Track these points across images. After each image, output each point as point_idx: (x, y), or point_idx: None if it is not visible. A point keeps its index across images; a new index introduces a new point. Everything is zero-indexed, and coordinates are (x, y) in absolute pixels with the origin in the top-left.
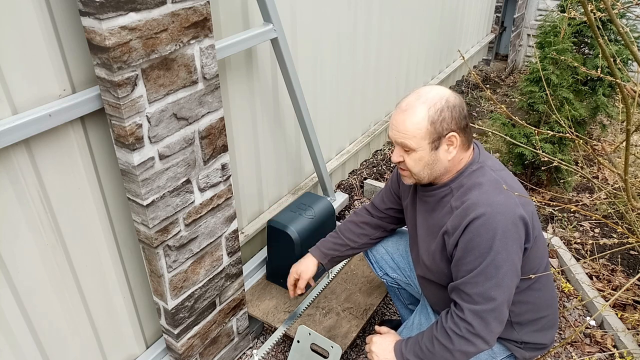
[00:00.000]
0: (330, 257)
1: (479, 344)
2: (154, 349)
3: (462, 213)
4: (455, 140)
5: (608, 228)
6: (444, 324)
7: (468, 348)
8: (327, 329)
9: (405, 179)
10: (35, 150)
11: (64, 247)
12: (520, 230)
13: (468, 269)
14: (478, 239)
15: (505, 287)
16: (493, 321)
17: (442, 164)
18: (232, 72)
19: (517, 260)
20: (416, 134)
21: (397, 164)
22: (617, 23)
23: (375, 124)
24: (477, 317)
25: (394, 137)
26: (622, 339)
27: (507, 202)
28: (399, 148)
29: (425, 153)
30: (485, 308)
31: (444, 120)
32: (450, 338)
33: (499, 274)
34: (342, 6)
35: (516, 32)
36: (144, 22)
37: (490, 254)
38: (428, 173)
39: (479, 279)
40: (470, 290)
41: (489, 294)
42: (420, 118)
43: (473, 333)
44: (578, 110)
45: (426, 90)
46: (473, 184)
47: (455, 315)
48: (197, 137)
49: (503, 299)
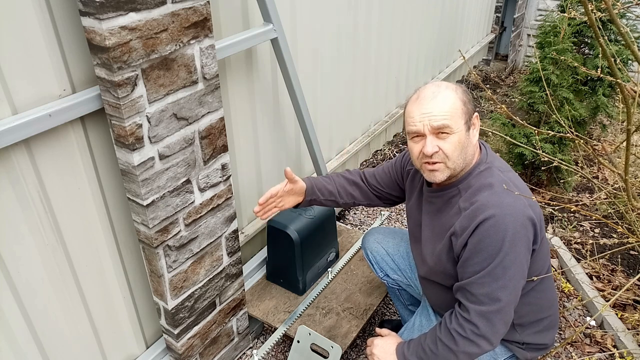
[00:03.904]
0: (314, 195)
1: (483, 345)
2: (154, 349)
3: (471, 214)
4: (477, 121)
5: (608, 228)
6: (448, 325)
7: (472, 349)
8: (327, 329)
9: (437, 173)
10: (35, 151)
11: (64, 247)
12: (529, 232)
13: (475, 270)
14: (487, 240)
15: (511, 288)
16: (498, 322)
17: (472, 147)
18: (232, 72)
19: (525, 262)
20: (454, 114)
21: (431, 157)
22: (618, 23)
23: (375, 124)
24: (482, 318)
25: (430, 123)
26: (622, 339)
27: (516, 204)
28: (432, 137)
29: (462, 135)
30: (491, 309)
31: (469, 100)
32: (455, 339)
33: (507, 275)
34: (342, 6)
35: (516, 32)
36: (144, 22)
37: (499, 255)
38: (463, 159)
39: (486, 279)
40: (476, 291)
41: (495, 294)
42: (454, 99)
43: (478, 334)
44: (578, 110)
45: (437, 82)
46: (482, 185)
47: (460, 316)
48: (197, 137)
49: (509, 300)
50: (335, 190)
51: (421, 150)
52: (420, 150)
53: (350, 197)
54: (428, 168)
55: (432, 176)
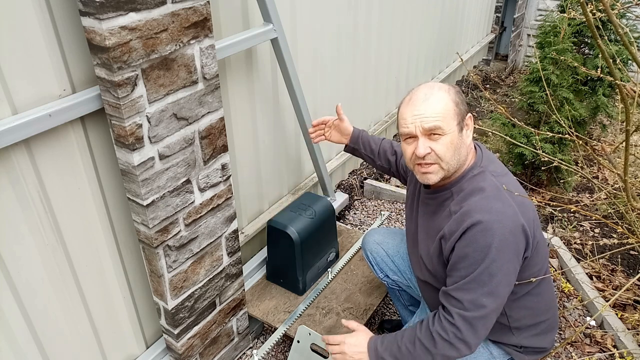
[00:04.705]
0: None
1: (462, 349)
2: (154, 349)
3: (460, 218)
4: (471, 122)
5: (608, 228)
6: (431, 327)
7: (451, 352)
8: (327, 329)
9: (430, 175)
10: (35, 151)
11: (64, 247)
12: (518, 240)
13: (462, 275)
14: (474, 245)
15: (497, 295)
16: (481, 328)
17: (465, 148)
18: (232, 72)
19: (512, 271)
20: (446, 115)
21: (423, 158)
22: (616, 24)
23: (375, 124)
24: (466, 323)
25: (421, 124)
26: (622, 339)
27: (506, 210)
28: (424, 139)
29: (455, 136)
30: (475, 315)
31: (462, 101)
32: (435, 341)
33: (493, 282)
34: (342, 6)
35: (516, 32)
36: (144, 22)
37: (485, 262)
38: (457, 159)
39: (471, 285)
40: (461, 297)
41: (480, 301)
42: (446, 100)
43: (460, 338)
44: (578, 110)
45: (430, 83)
46: (473, 189)
47: (444, 319)
48: (197, 137)
49: (493, 307)
50: (377, 150)
51: (414, 152)
52: (412, 152)
53: (387, 162)
54: (421, 170)
55: (425, 178)
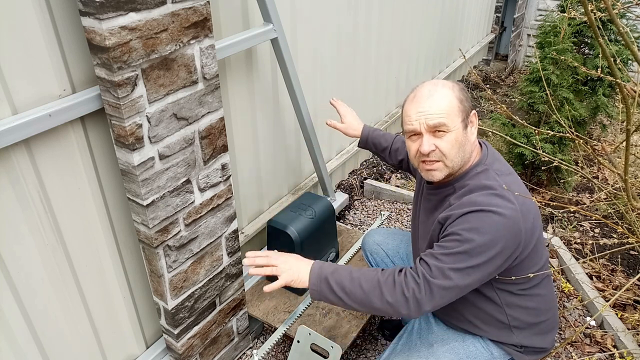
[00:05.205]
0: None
1: (412, 309)
2: (154, 349)
3: (458, 207)
4: (475, 119)
5: (608, 228)
6: (396, 277)
7: (401, 306)
8: (327, 329)
9: (435, 173)
10: (35, 151)
11: (64, 247)
12: (509, 242)
13: (443, 246)
14: (466, 224)
15: (467, 275)
16: (439, 298)
17: (469, 145)
18: (232, 72)
19: (492, 267)
20: (451, 112)
21: (428, 156)
22: (618, 23)
23: (375, 124)
24: (427, 287)
25: (426, 121)
26: (622, 339)
27: (506, 209)
28: (429, 136)
29: (459, 133)
30: (439, 283)
31: (466, 98)
32: (395, 289)
33: (468, 263)
34: (342, 6)
35: (516, 32)
36: (144, 22)
37: (470, 243)
38: (461, 157)
39: (447, 258)
40: (433, 263)
41: (447, 273)
42: (450, 97)
43: (416, 297)
44: (578, 110)
45: (435, 80)
46: (476, 186)
47: (410, 276)
48: (197, 137)
49: (459, 284)
50: (388, 149)
51: (418, 149)
52: (417, 149)
53: (398, 162)
54: (425, 167)
55: (430, 175)
